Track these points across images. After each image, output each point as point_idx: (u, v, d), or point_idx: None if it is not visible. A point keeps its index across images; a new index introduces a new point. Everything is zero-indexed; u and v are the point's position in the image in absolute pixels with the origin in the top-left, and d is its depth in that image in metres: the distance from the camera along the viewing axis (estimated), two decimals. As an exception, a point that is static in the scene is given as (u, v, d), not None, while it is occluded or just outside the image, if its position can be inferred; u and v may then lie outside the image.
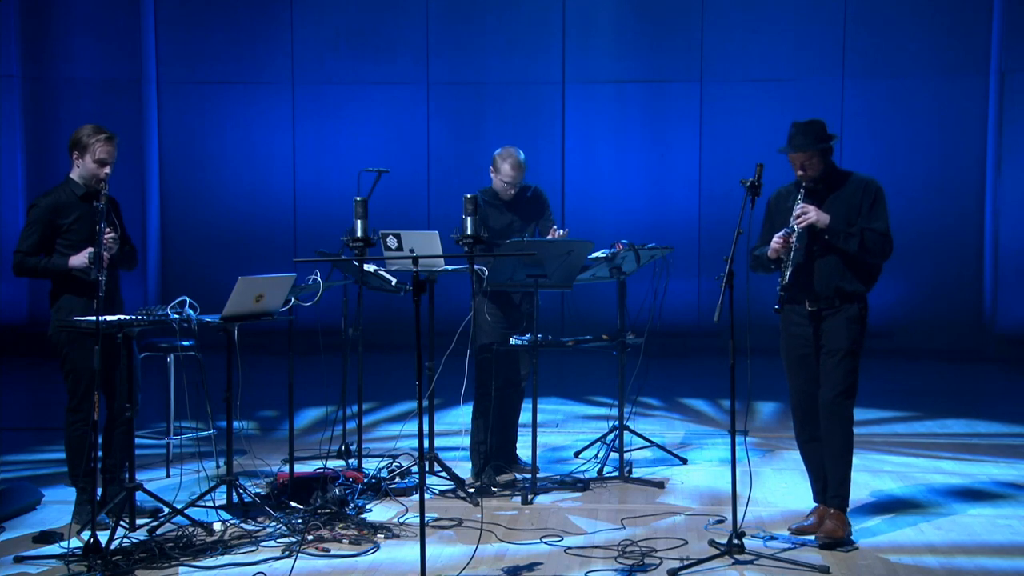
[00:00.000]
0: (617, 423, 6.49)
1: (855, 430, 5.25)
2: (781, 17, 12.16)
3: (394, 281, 6.21)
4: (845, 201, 5.18)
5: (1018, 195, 11.64)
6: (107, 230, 5.23)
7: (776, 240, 5.14)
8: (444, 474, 6.10)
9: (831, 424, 5.18)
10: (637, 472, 6.47)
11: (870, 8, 12.04)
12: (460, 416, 6.44)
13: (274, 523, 5.36)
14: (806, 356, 5.26)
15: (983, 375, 11.02)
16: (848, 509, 5.23)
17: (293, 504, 5.62)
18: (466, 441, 6.51)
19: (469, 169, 11.55)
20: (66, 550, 4.86)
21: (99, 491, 5.27)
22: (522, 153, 6.34)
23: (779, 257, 5.15)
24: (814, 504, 5.40)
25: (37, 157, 12.24)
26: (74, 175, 5.47)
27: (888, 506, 5.76)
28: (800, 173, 5.19)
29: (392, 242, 5.99)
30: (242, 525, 5.34)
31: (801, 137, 5.18)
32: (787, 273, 5.10)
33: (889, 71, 12.01)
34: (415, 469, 6.14)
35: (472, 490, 5.98)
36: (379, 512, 5.69)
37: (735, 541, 4.92)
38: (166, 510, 5.35)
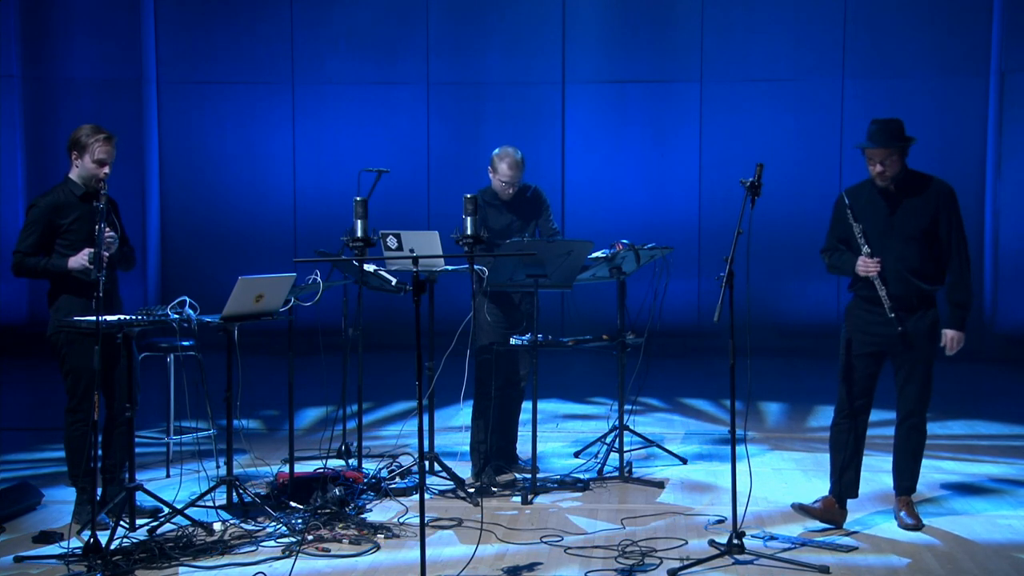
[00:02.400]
0: (617, 423, 6.49)
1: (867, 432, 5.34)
2: (781, 17, 12.15)
3: (394, 281, 6.21)
4: (922, 207, 5.27)
5: (1018, 195, 11.63)
6: (107, 229, 5.23)
7: (871, 264, 5.23)
8: (444, 474, 6.10)
9: (910, 435, 5.40)
10: (637, 472, 6.47)
11: (870, 8, 12.03)
12: (461, 419, 6.44)
13: (274, 523, 5.36)
14: (878, 355, 5.37)
15: (983, 375, 11.01)
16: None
17: (293, 504, 5.62)
18: (466, 441, 6.50)
19: (469, 169, 11.55)
20: (66, 550, 4.86)
21: (99, 491, 5.26)
22: (520, 152, 6.34)
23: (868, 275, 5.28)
24: (824, 495, 5.43)
25: (37, 157, 12.23)
26: (73, 175, 5.47)
27: (889, 506, 5.75)
28: (879, 169, 5.23)
29: (392, 242, 5.99)
30: (242, 525, 5.34)
31: (882, 134, 5.22)
32: (884, 294, 5.25)
33: (889, 71, 12.00)
34: (415, 469, 6.14)
35: (472, 490, 5.98)
36: (379, 512, 5.69)
37: (735, 541, 4.92)
38: (166, 510, 5.35)
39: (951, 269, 5.30)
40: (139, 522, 5.24)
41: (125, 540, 5.01)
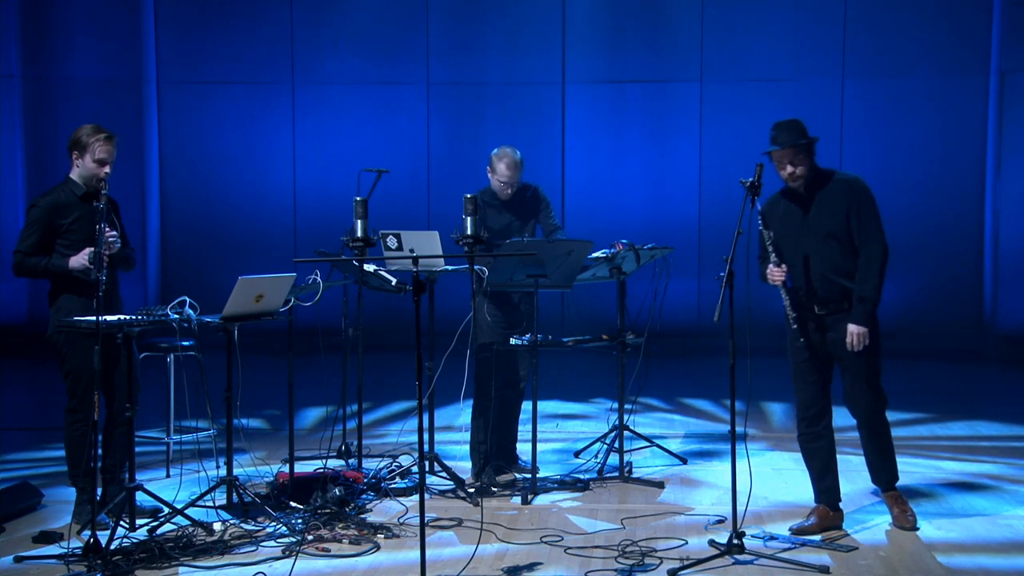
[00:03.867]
0: (617, 423, 6.49)
1: (857, 435, 5.30)
2: (781, 17, 12.16)
3: (394, 281, 6.21)
4: (831, 204, 5.20)
5: (1018, 195, 11.63)
6: (108, 229, 5.24)
7: (775, 272, 5.20)
8: (444, 474, 6.10)
9: (871, 437, 5.36)
10: (637, 472, 6.47)
11: (870, 8, 12.04)
12: (461, 419, 6.44)
13: (274, 523, 5.36)
14: (816, 360, 5.31)
15: (983, 375, 11.01)
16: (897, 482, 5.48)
17: (293, 504, 5.62)
18: (466, 441, 6.50)
19: (469, 169, 11.54)
20: (66, 550, 4.86)
21: (99, 491, 5.27)
22: (518, 152, 6.33)
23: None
24: (815, 504, 5.42)
25: (37, 157, 12.23)
26: (74, 175, 5.47)
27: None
28: (789, 171, 5.20)
29: (392, 242, 5.99)
30: (242, 525, 5.34)
31: (785, 134, 5.19)
32: (788, 304, 5.21)
33: (889, 71, 12.01)
34: (415, 469, 6.14)
35: (472, 490, 5.98)
36: (379, 512, 5.69)
37: (735, 541, 4.92)
38: (166, 510, 5.35)
39: (859, 263, 5.18)
40: (139, 522, 5.24)
41: (125, 540, 5.01)
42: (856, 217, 5.17)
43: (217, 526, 5.29)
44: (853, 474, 6.20)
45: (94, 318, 4.91)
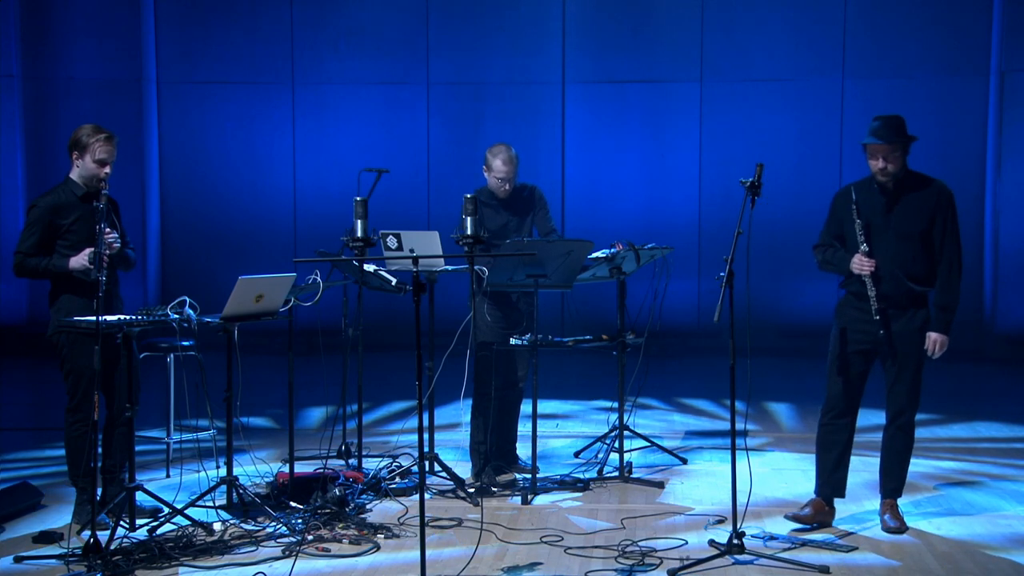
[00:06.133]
0: (617, 423, 6.49)
1: (864, 436, 5.31)
2: (781, 17, 12.15)
3: (394, 281, 6.21)
4: (920, 207, 5.27)
5: (1018, 195, 11.63)
6: (108, 230, 5.24)
7: (865, 262, 5.22)
8: (444, 474, 6.10)
9: (896, 435, 5.40)
10: (637, 472, 6.47)
11: (870, 8, 12.03)
12: (461, 419, 6.44)
13: (274, 523, 5.36)
14: (865, 353, 5.36)
15: (983, 375, 11.01)
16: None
17: (293, 504, 5.62)
18: (466, 441, 6.50)
19: (469, 169, 11.50)
20: (66, 550, 4.87)
21: (99, 491, 5.27)
22: (513, 148, 6.32)
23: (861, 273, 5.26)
24: (812, 498, 5.43)
25: (37, 157, 12.22)
26: (74, 175, 5.47)
27: (888, 506, 5.75)
28: (881, 165, 5.23)
29: (392, 242, 5.99)
30: (242, 525, 5.34)
31: (885, 129, 5.23)
32: (873, 295, 5.23)
33: (889, 71, 12.00)
34: (415, 469, 6.14)
35: (472, 490, 5.98)
36: (379, 512, 5.69)
37: (735, 541, 4.92)
38: (166, 510, 5.35)
39: (940, 271, 5.28)
40: (139, 522, 5.25)
41: (125, 540, 5.01)
42: (941, 225, 5.27)
43: (217, 526, 5.29)
44: (853, 472, 6.18)
45: (94, 318, 4.91)
